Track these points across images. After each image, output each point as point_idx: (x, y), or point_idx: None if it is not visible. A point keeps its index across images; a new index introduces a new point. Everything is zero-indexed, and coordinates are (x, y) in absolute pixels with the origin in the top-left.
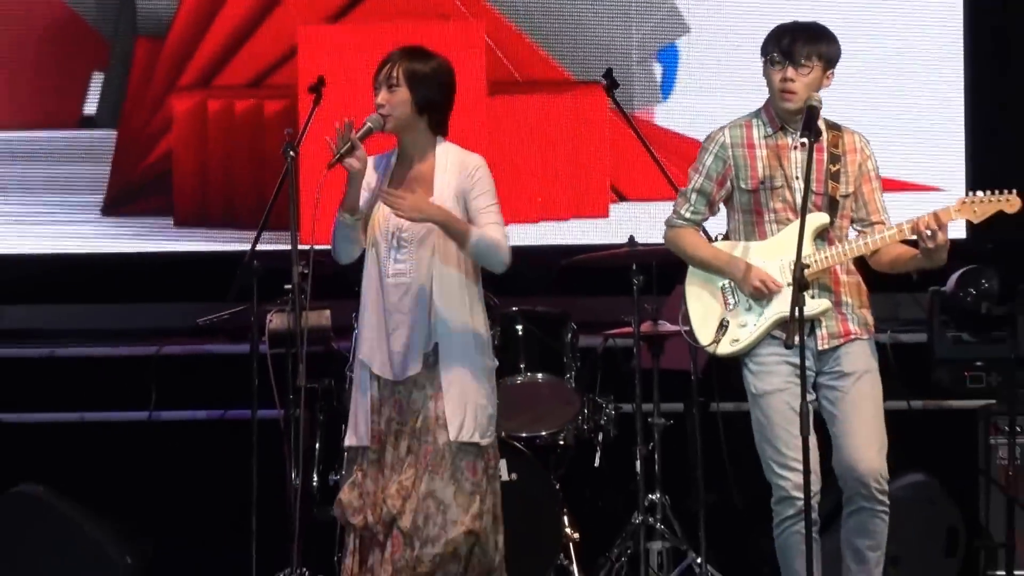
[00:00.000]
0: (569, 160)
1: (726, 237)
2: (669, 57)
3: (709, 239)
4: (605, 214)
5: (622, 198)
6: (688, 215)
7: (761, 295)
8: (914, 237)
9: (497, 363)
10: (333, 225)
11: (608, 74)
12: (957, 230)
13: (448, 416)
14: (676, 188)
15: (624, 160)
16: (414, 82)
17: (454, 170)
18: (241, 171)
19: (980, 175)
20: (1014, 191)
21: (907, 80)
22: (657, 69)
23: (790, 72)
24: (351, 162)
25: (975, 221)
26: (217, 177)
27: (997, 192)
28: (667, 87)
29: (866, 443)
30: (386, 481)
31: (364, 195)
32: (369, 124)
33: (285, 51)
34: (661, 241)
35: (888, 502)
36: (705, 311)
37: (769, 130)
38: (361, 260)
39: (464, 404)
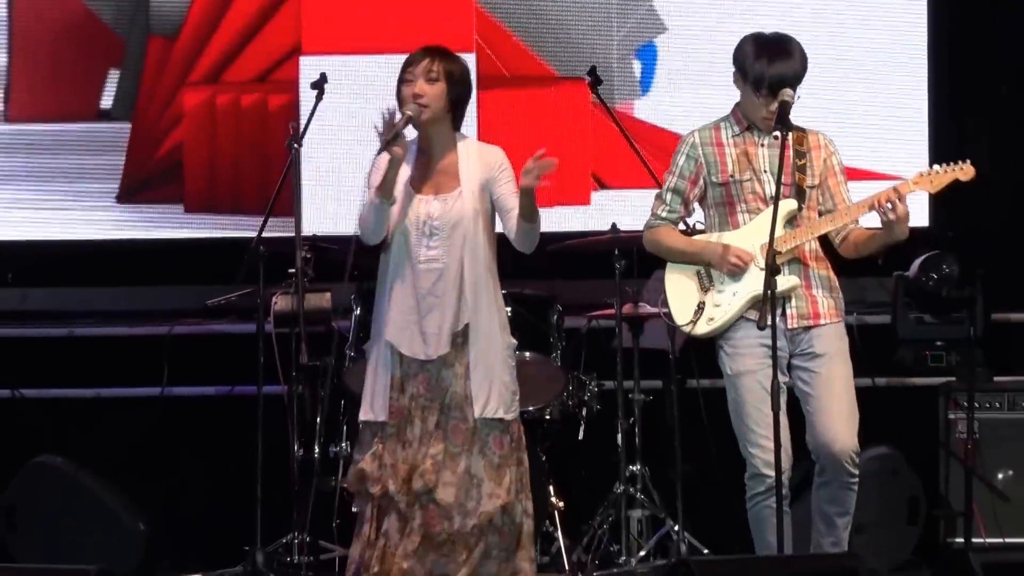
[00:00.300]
0: (553, 151)
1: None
2: (648, 55)
3: (691, 233)
4: (587, 201)
5: (603, 186)
6: (664, 215)
7: (738, 270)
8: (874, 212)
9: (516, 342)
10: (365, 208)
11: (592, 71)
12: (920, 219)
13: (474, 394)
14: (655, 176)
15: (604, 151)
16: (451, 79)
17: (477, 162)
18: (247, 160)
19: (941, 154)
20: (967, 160)
21: (872, 74)
22: (636, 66)
23: (774, 107)
24: (396, 149)
25: (932, 191)
26: (225, 166)
27: (952, 163)
28: (646, 83)
29: (839, 421)
30: (410, 454)
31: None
32: (409, 113)
33: (288, 49)
34: (641, 228)
35: (858, 475)
36: (682, 295)
37: (737, 130)
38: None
39: (489, 382)
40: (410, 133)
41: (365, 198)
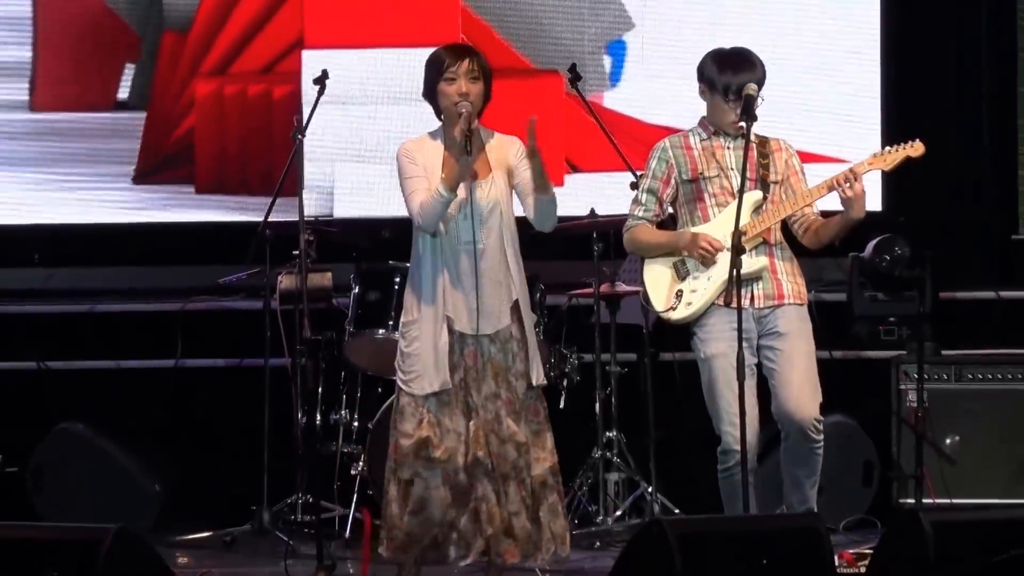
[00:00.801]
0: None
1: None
2: (617, 49)
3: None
4: (561, 183)
5: (575, 169)
6: (641, 214)
7: (708, 255)
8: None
9: (535, 317)
10: (426, 200)
11: (572, 68)
12: (874, 204)
13: (530, 363)
14: (625, 160)
15: (576, 137)
16: (486, 77)
17: (502, 151)
18: (253, 145)
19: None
20: (916, 139)
21: (827, 64)
22: (606, 60)
23: (737, 114)
24: (473, 149)
25: (886, 169)
26: (233, 151)
27: (902, 142)
28: (615, 75)
29: (801, 393)
30: (464, 423)
31: (421, 170)
32: (468, 112)
33: (291, 43)
34: (616, 211)
35: (822, 440)
36: (661, 285)
37: (704, 135)
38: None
39: (534, 354)
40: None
41: (410, 188)
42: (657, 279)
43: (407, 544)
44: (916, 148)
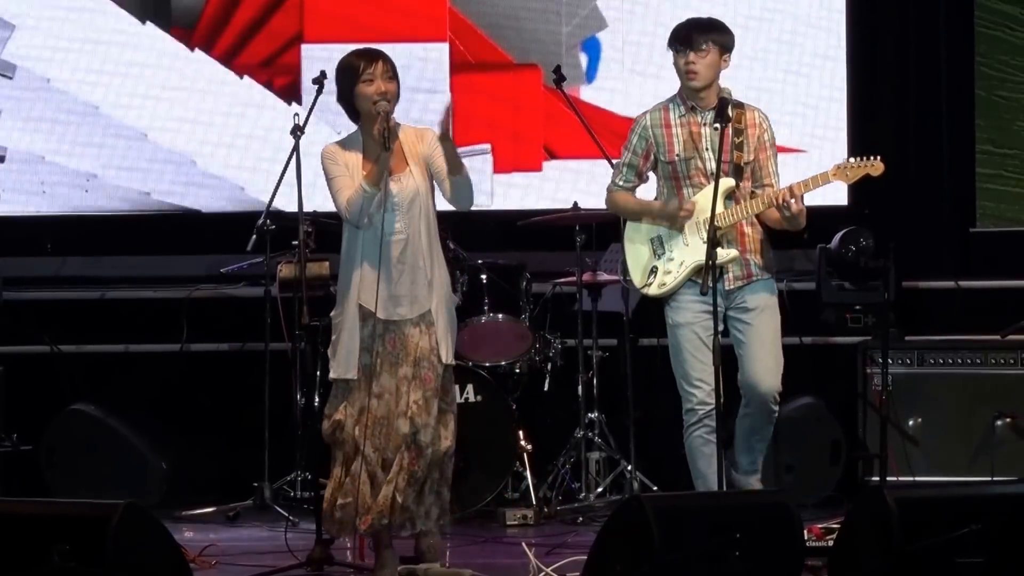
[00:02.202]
0: (510, 125)
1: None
2: (592, 47)
3: None
4: (539, 169)
5: (553, 156)
6: (621, 183)
7: (684, 219)
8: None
9: (458, 299)
10: (353, 196)
11: (557, 69)
12: (840, 198)
13: (440, 344)
14: (601, 148)
15: (554, 127)
16: (397, 77)
17: (416, 142)
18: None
19: (858, 141)
20: (878, 157)
21: (797, 64)
22: (582, 56)
23: (691, 56)
24: (393, 145)
25: (848, 182)
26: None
27: (865, 158)
28: (591, 71)
29: (765, 366)
30: (382, 404)
31: (344, 170)
32: (387, 110)
33: (290, 38)
34: (599, 205)
35: (777, 410)
36: (639, 261)
37: (682, 110)
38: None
39: (449, 334)
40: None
41: (336, 187)
42: (636, 254)
43: (344, 520)
44: (876, 167)
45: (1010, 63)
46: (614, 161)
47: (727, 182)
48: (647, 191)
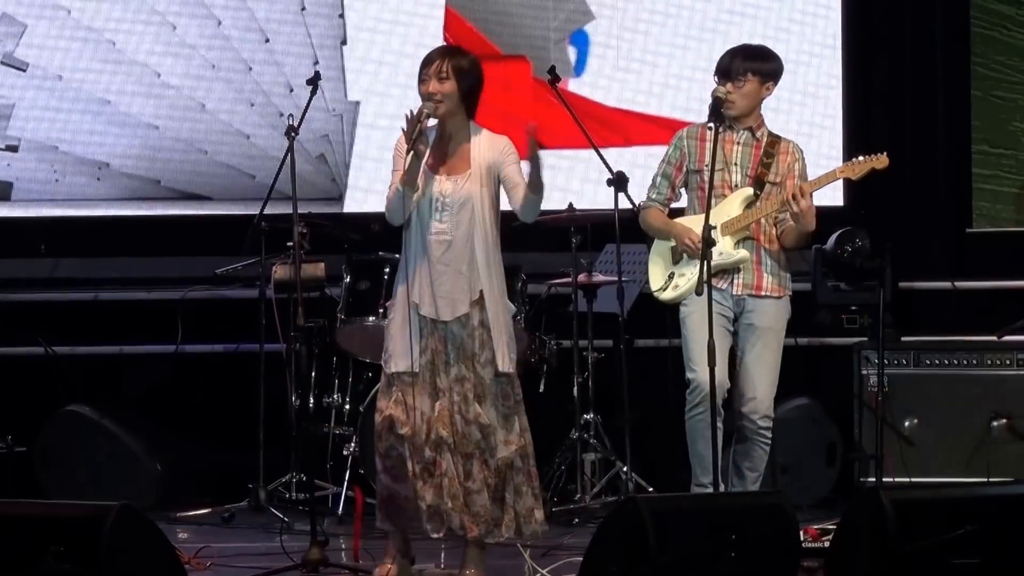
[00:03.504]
0: (499, 115)
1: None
2: (580, 40)
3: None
4: (525, 157)
5: (541, 146)
6: (654, 196)
7: (690, 250)
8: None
9: (515, 308)
10: (391, 195)
11: (552, 70)
12: (836, 198)
13: (495, 351)
14: (589, 139)
15: (542, 117)
16: (460, 74)
17: (487, 148)
18: None
19: (854, 142)
20: (884, 152)
21: (792, 65)
22: (570, 48)
23: (729, 87)
24: (420, 147)
25: (854, 179)
26: None
27: (870, 154)
28: (580, 63)
29: (759, 390)
30: (430, 403)
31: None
32: (426, 111)
33: None
34: (587, 197)
35: (770, 436)
36: (659, 267)
37: (720, 128)
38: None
39: (504, 340)
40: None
41: (390, 181)
42: (657, 261)
43: (392, 513)
44: (881, 161)
45: (1006, 63)
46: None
47: (746, 191)
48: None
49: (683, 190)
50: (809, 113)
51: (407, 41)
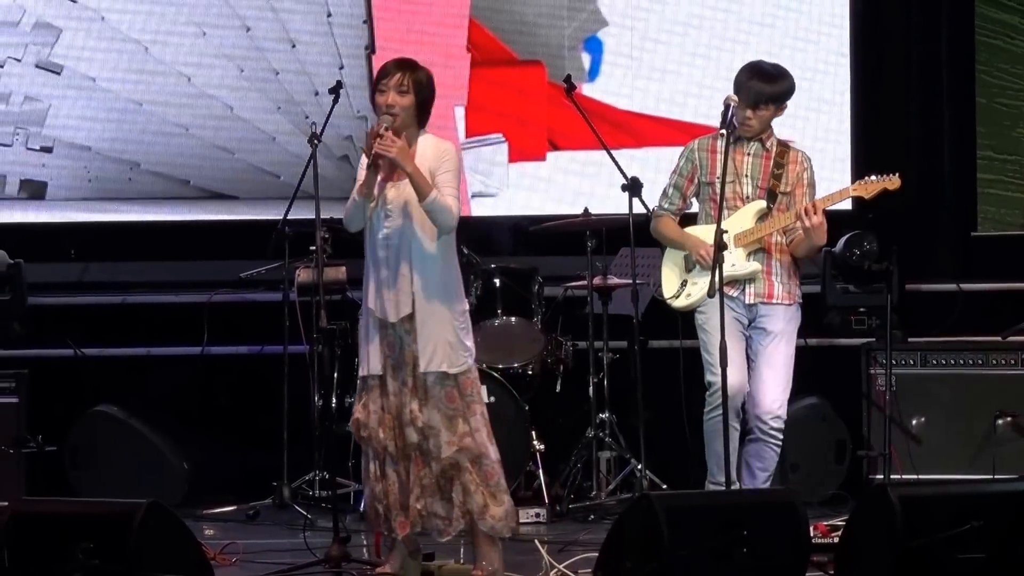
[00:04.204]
0: (516, 117)
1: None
2: (594, 46)
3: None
4: (543, 158)
5: (555, 148)
6: (667, 206)
7: (703, 261)
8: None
9: (468, 306)
10: (349, 205)
11: (568, 79)
12: (845, 203)
13: (420, 350)
14: (604, 145)
15: (557, 120)
16: (418, 88)
17: (430, 153)
18: None
19: (862, 149)
20: (896, 173)
21: (801, 74)
22: (584, 55)
23: (749, 113)
24: (379, 162)
25: (867, 197)
26: None
27: (883, 174)
28: (594, 69)
29: (771, 391)
30: (394, 404)
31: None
32: (385, 125)
33: None
34: (609, 211)
35: (781, 438)
36: (672, 275)
37: (731, 139)
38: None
39: (434, 341)
40: None
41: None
42: (670, 269)
43: (369, 511)
44: (893, 182)
45: (1010, 71)
46: (662, 186)
47: (759, 203)
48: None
49: (694, 200)
50: (820, 126)
51: (435, 51)
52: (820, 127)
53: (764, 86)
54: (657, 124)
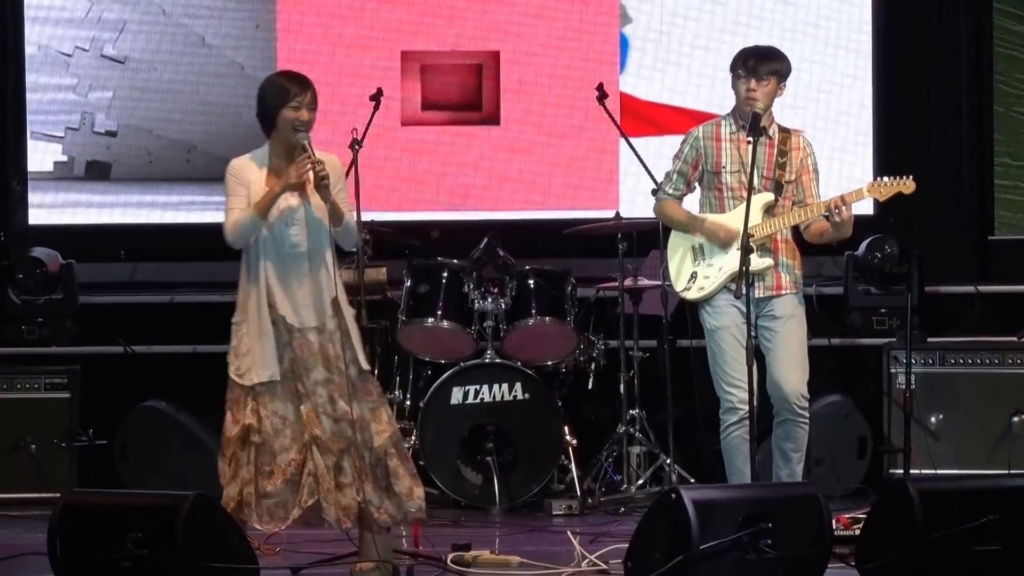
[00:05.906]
0: None
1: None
2: (620, 42)
3: None
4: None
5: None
6: (670, 191)
7: (718, 239)
8: (827, 214)
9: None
10: (242, 220)
11: (600, 87)
12: (866, 208)
13: (356, 351)
14: (636, 152)
15: (590, 126)
16: (316, 104)
17: (331, 165)
18: None
19: (883, 155)
20: (910, 176)
21: (825, 80)
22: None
23: (752, 84)
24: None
25: (881, 199)
26: None
27: (898, 177)
28: (621, 63)
29: (790, 370)
30: (293, 408)
31: (244, 191)
32: (306, 141)
33: None
34: (644, 215)
35: (807, 415)
36: (680, 266)
37: (734, 127)
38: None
39: (357, 341)
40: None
41: (229, 205)
42: (678, 259)
43: (237, 509)
44: (908, 186)
45: None
46: (665, 171)
47: (767, 196)
48: (690, 201)
49: (697, 184)
50: (844, 138)
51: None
52: (843, 138)
53: (764, 58)
54: (680, 114)
